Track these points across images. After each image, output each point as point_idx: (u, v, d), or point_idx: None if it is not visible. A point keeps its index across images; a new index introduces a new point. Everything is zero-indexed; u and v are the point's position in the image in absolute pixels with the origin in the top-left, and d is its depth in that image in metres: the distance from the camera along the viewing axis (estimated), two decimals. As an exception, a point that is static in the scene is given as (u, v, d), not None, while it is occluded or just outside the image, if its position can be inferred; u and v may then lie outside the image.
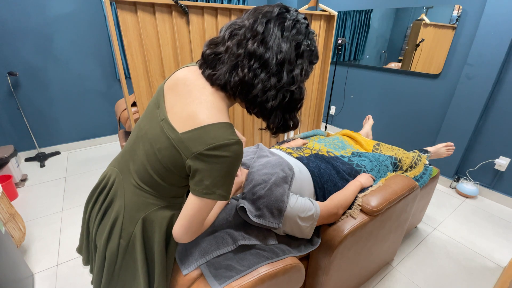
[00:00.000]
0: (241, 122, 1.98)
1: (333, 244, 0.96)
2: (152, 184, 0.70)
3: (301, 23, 0.62)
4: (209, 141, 0.58)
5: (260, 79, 0.59)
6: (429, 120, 2.45)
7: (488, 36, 1.90)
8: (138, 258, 0.74)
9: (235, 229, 0.94)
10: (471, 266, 1.54)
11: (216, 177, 0.60)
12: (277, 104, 0.62)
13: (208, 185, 0.61)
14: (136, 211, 0.72)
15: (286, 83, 0.61)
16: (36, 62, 2.41)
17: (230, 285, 0.78)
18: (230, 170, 0.61)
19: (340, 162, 1.26)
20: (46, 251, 1.57)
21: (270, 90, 0.60)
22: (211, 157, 0.58)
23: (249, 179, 0.98)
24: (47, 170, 2.45)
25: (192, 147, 0.59)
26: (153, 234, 0.74)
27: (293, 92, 0.62)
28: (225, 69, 0.60)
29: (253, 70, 0.58)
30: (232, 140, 0.59)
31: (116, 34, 1.49)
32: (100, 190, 0.80)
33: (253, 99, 0.61)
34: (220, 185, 0.62)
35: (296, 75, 0.61)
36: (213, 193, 0.61)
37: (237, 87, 0.60)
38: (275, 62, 0.58)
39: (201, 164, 0.60)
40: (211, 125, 0.59)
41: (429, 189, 1.52)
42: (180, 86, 0.65)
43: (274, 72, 0.59)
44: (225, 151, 0.58)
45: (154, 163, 0.67)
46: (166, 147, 0.63)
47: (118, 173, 0.76)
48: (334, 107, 3.39)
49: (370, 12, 2.71)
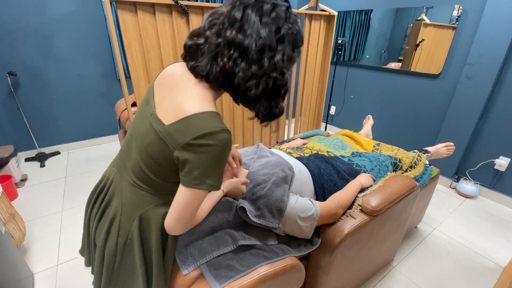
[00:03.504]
0: (241, 122, 1.98)
1: (333, 244, 0.96)
2: (147, 180, 0.71)
3: (281, 6, 0.59)
4: (195, 130, 0.57)
5: (241, 68, 0.57)
6: (429, 120, 2.45)
7: (488, 36, 1.90)
8: (136, 257, 0.74)
9: (235, 229, 0.94)
10: (471, 266, 1.54)
11: (205, 167, 0.59)
12: (260, 92, 0.60)
13: (197, 175, 0.60)
14: (133, 209, 0.72)
15: (267, 70, 0.59)
16: (36, 62, 2.41)
17: (230, 285, 0.78)
18: (219, 159, 0.60)
19: (340, 162, 1.26)
20: (46, 251, 1.57)
21: (252, 79, 0.58)
22: (198, 147, 0.58)
23: (249, 179, 0.98)
24: (47, 170, 2.45)
25: (179, 137, 0.59)
26: (150, 232, 0.74)
27: (276, 78, 0.60)
28: (206, 59, 0.59)
29: (233, 59, 0.57)
30: (219, 128, 0.58)
31: (116, 34, 1.49)
32: (100, 190, 0.81)
33: (236, 88, 0.60)
34: (209, 175, 0.60)
35: (278, 61, 0.59)
36: (202, 183, 0.60)
37: (218, 77, 0.59)
38: (254, 49, 0.56)
39: (188, 154, 0.59)
40: (196, 115, 0.58)
41: (429, 189, 1.52)
42: (168, 81, 0.66)
43: (254, 59, 0.57)
44: (212, 140, 0.57)
45: (146, 159, 0.67)
46: (154, 141, 0.63)
47: (116, 172, 0.77)
48: (334, 107, 3.39)
49: (370, 12, 2.71)
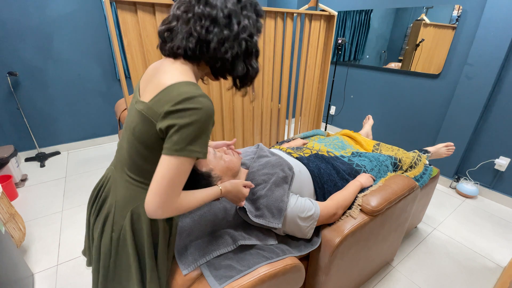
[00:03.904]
0: (241, 122, 1.98)
1: (333, 244, 0.96)
2: (137, 170, 0.71)
3: None
4: (173, 98, 0.58)
5: (214, 33, 0.62)
6: (429, 120, 2.45)
7: (488, 36, 1.90)
8: (130, 253, 0.75)
9: (235, 229, 0.94)
10: (471, 266, 1.54)
11: (186, 131, 0.58)
12: (236, 53, 0.66)
13: (177, 140, 0.57)
14: (126, 204, 0.74)
15: (238, 32, 0.64)
16: (36, 62, 2.41)
17: (230, 285, 0.78)
18: (201, 123, 0.59)
19: (340, 162, 1.26)
20: (46, 251, 1.57)
21: (226, 41, 0.64)
22: (178, 112, 0.58)
23: (249, 179, 0.98)
24: (47, 170, 2.45)
25: (159, 108, 0.60)
26: (141, 228, 0.75)
27: (246, 40, 0.66)
28: (181, 36, 0.64)
29: (206, 27, 0.62)
30: (197, 93, 0.59)
31: (116, 34, 1.49)
32: (98, 189, 0.82)
33: (214, 54, 0.64)
34: (191, 140, 0.58)
35: (246, 24, 0.65)
36: (183, 149, 0.58)
37: (195, 48, 0.63)
38: (222, 16, 0.62)
39: (169, 121, 0.58)
40: (174, 84, 0.60)
41: (429, 189, 1.52)
42: (150, 73, 0.70)
43: (224, 24, 0.63)
44: (191, 103, 0.57)
45: (134, 145, 0.68)
46: (139, 122, 0.64)
47: (113, 170, 0.79)
48: (334, 107, 3.39)
49: (370, 12, 2.71)
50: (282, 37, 1.92)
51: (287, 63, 2.02)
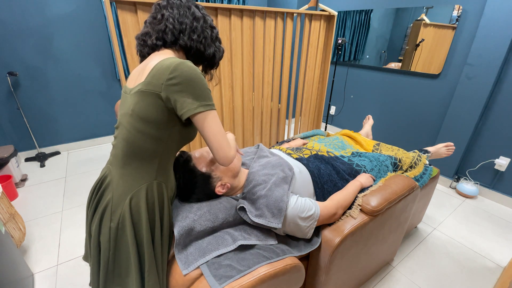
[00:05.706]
0: (241, 123, 1.98)
1: (333, 244, 0.96)
2: (133, 152, 0.74)
3: None
4: (166, 68, 0.68)
5: (186, 23, 0.78)
6: (429, 120, 2.45)
7: (488, 36, 1.90)
8: (129, 241, 0.75)
9: (235, 229, 0.94)
10: (471, 266, 1.55)
11: (194, 93, 0.69)
12: (208, 38, 0.82)
13: (192, 101, 0.69)
14: (124, 193, 0.75)
15: (203, 22, 0.81)
16: (36, 62, 2.41)
17: (230, 285, 0.78)
18: (198, 79, 0.70)
19: (340, 162, 1.26)
20: (46, 251, 1.57)
21: (196, 29, 0.80)
22: (175, 79, 0.68)
23: (249, 179, 0.98)
24: (47, 170, 2.45)
25: (158, 80, 0.68)
26: (140, 214, 0.76)
27: (212, 27, 0.84)
28: (157, 32, 0.78)
29: (176, 18, 0.77)
30: (180, 60, 0.70)
31: (116, 34, 1.49)
32: (97, 188, 0.83)
33: (189, 39, 0.79)
34: (199, 97, 0.70)
35: (206, 19, 0.83)
36: (200, 106, 0.70)
37: (173, 35, 0.78)
38: (188, 11, 0.79)
39: (173, 93, 0.69)
40: (162, 60, 0.70)
41: (429, 189, 1.52)
42: (139, 71, 0.78)
43: (189, 14, 0.79)
44: (180, 68, 0.68)
45: (133, 126, 0.72)
46: (138, 100, 0.70)
47: (109, 167, 0.80)
48: (334, 107, 3.39)
49: (370, 12, 2.71)
50: (282, 37, 1.92)
51: (287, 63, 2.02)
